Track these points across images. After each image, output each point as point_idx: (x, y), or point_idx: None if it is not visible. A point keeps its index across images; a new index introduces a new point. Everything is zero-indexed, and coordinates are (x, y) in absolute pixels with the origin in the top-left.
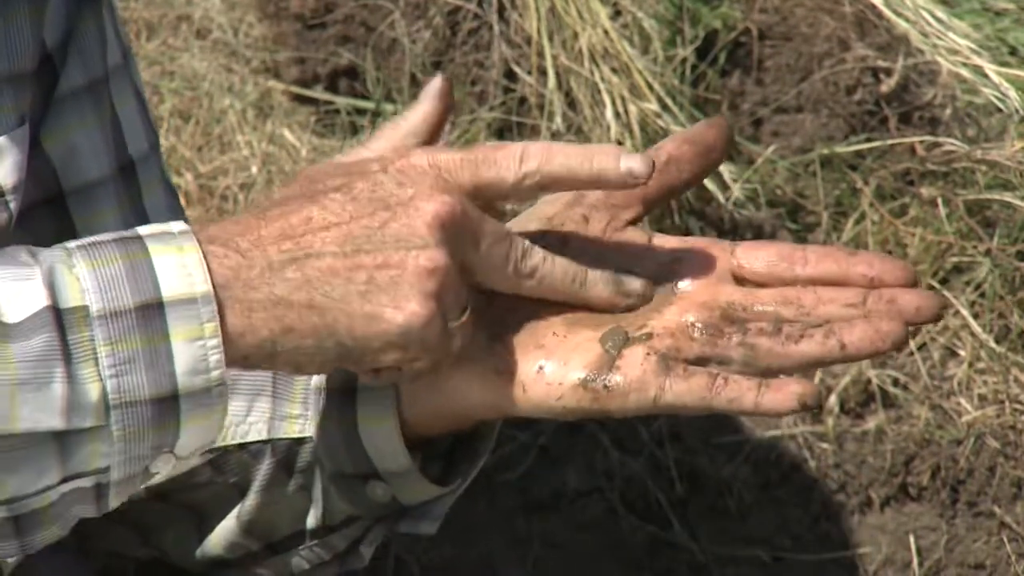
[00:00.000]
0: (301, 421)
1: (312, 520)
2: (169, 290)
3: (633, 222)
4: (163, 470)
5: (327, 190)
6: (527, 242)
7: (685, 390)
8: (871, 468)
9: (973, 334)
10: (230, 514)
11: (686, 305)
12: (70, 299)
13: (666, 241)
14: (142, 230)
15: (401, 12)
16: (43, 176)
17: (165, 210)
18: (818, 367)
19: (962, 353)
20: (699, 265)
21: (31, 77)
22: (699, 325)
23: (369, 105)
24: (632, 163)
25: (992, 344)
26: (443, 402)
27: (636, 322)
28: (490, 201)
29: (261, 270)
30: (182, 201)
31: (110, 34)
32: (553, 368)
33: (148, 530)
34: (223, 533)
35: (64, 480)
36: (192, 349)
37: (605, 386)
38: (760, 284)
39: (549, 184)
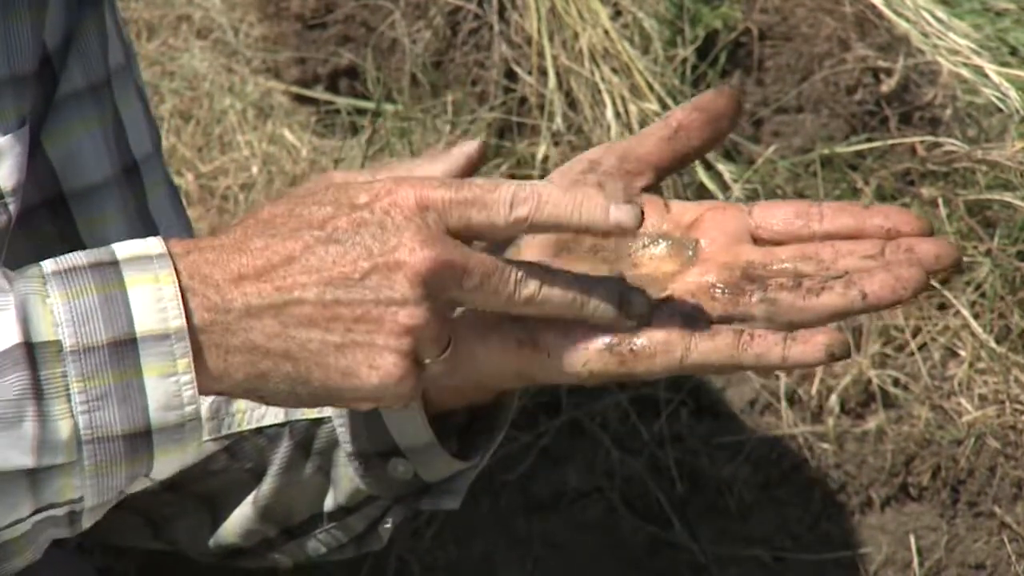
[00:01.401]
0: None
1: (330, 502)
2: (143, 325)
3: (647, 189)
4: (137, 490)
5: (311, 224)
6: (520, 272)
7: (711, 349)
8: (871, 468)
9: (973, 334)
10: (245, 500)
11: (706, 267)
12: (43, 333)
13: (683, 206)
14: (120, 252)
15: (401, 12)
16: (43, 178)
17: (169, 210)
18: (841, 318)
19: (962, 353)
20: (717, 227)
21: (32, 79)
22: (720, 285)
23: (369, 105)
24: (620, 215)
25: (992, 344)
26: (467, 375)
27: (659, 285)
28: (478, 240)
29: (238, 315)
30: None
31: (112, 35)
32: (578, 333)
33: (160, 521)
34: (238, 520)
35: (36, 511)
36: (165, 385)
37: (631, 349)
38: (778, 243)
39: (539, 230)
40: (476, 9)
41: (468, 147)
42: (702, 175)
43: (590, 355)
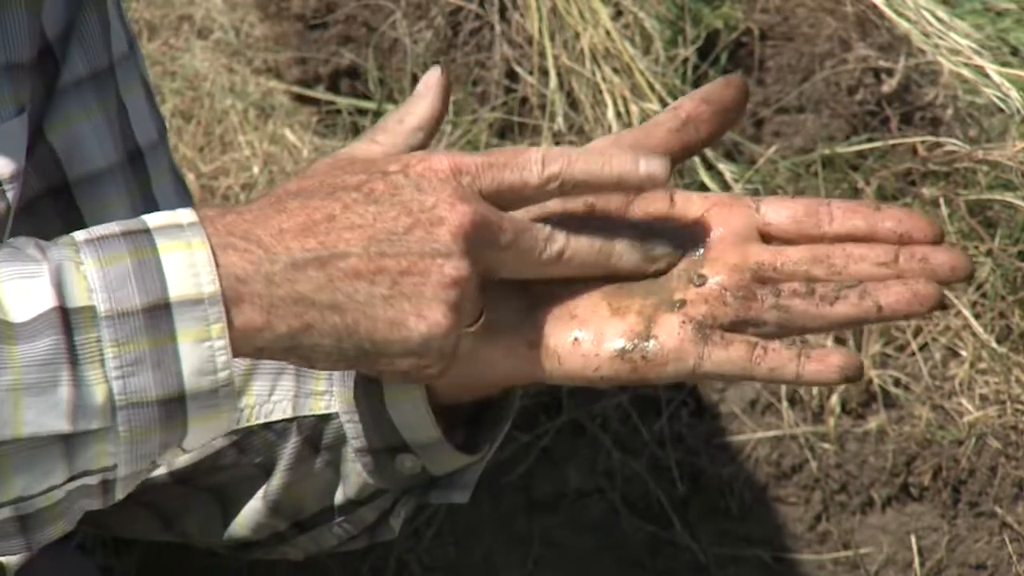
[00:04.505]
0: (327, 397)
1: (340, 496)
2: (176, 290)
3: None
4: (170, 461)
5: (346, 187)
6: (547, 228)
7: (725, 359)
8: (872, 468)
9: (975, 334)
10: (256, 495)
11: (716, 269)
12: (77, 299)
13: (689, 200)
14: (151, 221)
15: (403, 12)
16: (47, 167)
17: (174, 197)
18: (853, 327)
19: (963, 353)
20: (724, 224)
21: (30, 68)
22: (731, 290)
23: (371, 105)
24: (652, 166)
25: (993, 344)
26: (474, 373)
27: (668, 288)
28: (510, 204)
29: (284, 266)
30: None
31: (115, 24)
32: (589, 339)
33: (171, 515)
34: (249, 514)
35: (70, 479)
36: (199, 350)
37: (643, 356)
38: (787, 241)
39: (571, 188)
40: (477, 9)
41: (432, 78)
42: (703, 175)
43: (602, 361)
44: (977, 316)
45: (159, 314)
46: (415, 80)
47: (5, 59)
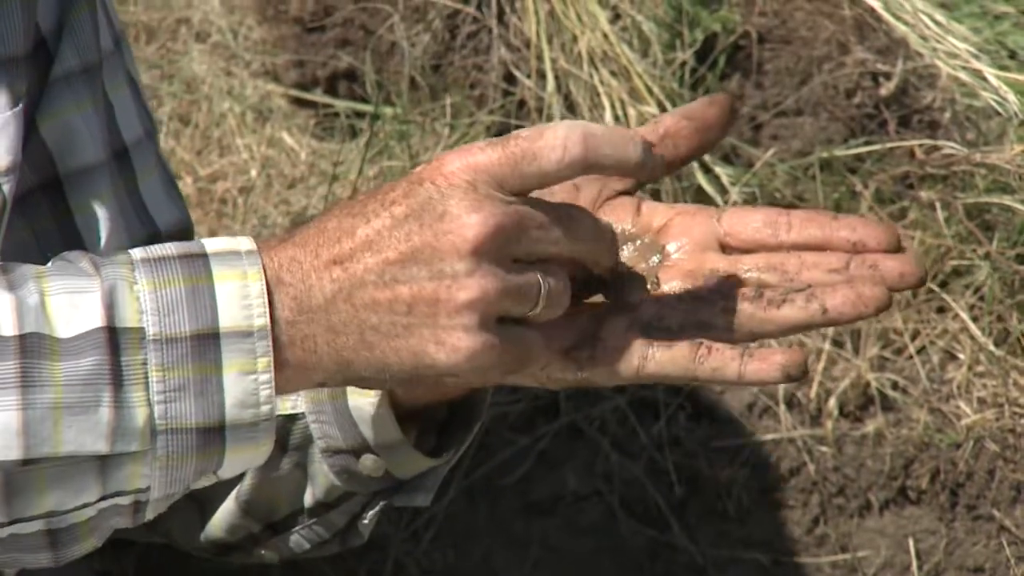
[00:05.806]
0: (293, 398)
1: (309, 498)
2: (227, 321)
3: (624, 193)
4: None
5: (378, 202)
6: (570, 210)
7: (668, 359)
8: (870, 471)
9: (972, 337)
10: (230, 495)
11: (672, 274)
12: (128, 319)
13: (655, 209)
14: (210, 246)
15: (400, 15)
16: (39, 160)
17: (162, 195)
18: (801, 331)
19: (961, 356)
20: (685, 233)
21: (25, 61)
22: (682, 293)
23: (368, 108)
24: (655, 159)
25: (991, 347)
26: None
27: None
28: (525, 191)
29: (319, 303)
30: None
31: (102, 20)
32: (537, 337)
33: (154, 518)
34: (224, 515)
35: (103, 498)
36: (244, 383)
37: (589, 356)
38: (746, 251)
39: (588, 171)
40: (475, 12)
41: None
42: (700, 178)
43: (549, 360)
44: (975, 319)
45: (207, 343)
46: (413, 83)
47: (2, 52)
